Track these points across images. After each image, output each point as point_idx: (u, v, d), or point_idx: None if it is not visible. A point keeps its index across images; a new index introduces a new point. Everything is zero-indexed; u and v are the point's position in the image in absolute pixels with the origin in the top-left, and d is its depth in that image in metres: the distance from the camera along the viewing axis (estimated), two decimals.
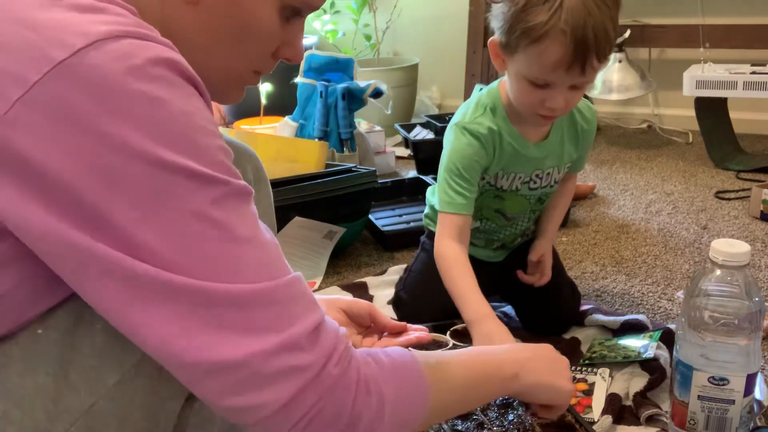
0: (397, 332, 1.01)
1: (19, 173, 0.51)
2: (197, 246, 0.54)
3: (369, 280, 1.63)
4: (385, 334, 1.01)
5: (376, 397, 0.62)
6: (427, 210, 1.42)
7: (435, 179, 1.32)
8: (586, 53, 1.02)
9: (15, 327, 0.59)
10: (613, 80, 2.69)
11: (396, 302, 1.44)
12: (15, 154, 0.51)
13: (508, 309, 1.46)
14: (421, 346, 0.98)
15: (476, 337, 1.08)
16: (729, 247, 0.93)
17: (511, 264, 1.41)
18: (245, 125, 2.68)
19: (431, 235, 1.33)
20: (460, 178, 1.20)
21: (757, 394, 1.04)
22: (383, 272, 1.67)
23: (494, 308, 1.45)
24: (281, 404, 0.57)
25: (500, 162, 1.24)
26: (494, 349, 0.84)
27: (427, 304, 1.31)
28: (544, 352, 0.90)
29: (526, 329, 1.37)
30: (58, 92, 0.51)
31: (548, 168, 1.28)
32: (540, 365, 0.85)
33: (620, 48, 2.67)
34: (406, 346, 1.06)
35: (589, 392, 1.15)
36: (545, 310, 1.36)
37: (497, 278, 1.41)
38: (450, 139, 1.22)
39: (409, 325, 1.14)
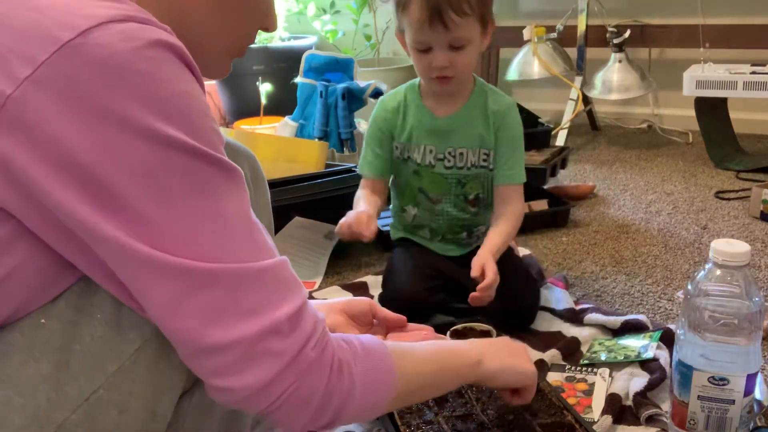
0: (398, 326, 1.03)
1: (31, 149, 0.53)
2: (192, 223, 0.57)
3: (369, 279, 1.63)
4: (390, 334, 1.02)
5: (347, 378, 0.66)
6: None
7: None
8: (440, 9, 1.21)
9: (20, 310, 0.60)
10: (613, 80, 2.69)
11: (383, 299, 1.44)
12: (26, 131, 0.53)
13: None
14: None
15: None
16: (729, 247, 0.93)
17: (469, 262, 1.42)
18: (245, 125, 2.69)
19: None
20: (368, 145, 1.43)
21: (757, 394, 1.04)
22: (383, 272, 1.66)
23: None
24: (262, 385, 0.60)
25: (405, 129, 1.40)
26: (457, 341, 0.89)
27: (407, 281, 1.38)
28: (502, 341, 0.95)
29: (493, 324, 1.34)
30: (66, 71, 0.53)
31: (460, 147, 1.39)
32: (500, 351, 0.89)
33: (620, 48, 2.67)
34: None
35: (589, 392, 1.15)
36: (502, 305, 1.33)
37: (455, 274, 1.42)
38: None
39: (412, 324, 1.15)
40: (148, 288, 0.57)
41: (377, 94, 2.26)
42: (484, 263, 1.27)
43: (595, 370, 1.21)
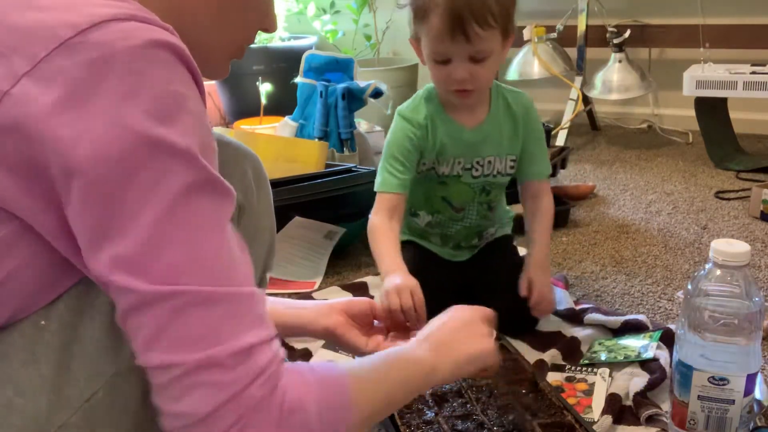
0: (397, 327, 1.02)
1: (26, 145, 0.53)
2: (162, 232, 0.55)
3: (369, 280, 1.63)
4: (391, 334, 1.02)
5: (300, 417, 0.61)
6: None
7: None
8: (462, 21, 1.15)
9: (20, 312, 0.60)
10: (613, 80, 2.69)
11: None
12: (23, 127, 0.53)
13: None
14: None
15: (384, 285, 1.14)
16: (729, 247, 0.93)
17: (475, 264, 1.41)
18: (245, 125, 2.69)
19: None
20: (394, 160, 1.30)
21: (757, 394, 1.04)
22: None
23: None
24: (200, 416, 0.57)
25: (435, 146, 1.31)
26: (409, 347, 0.81)
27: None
28: (455, 323, 0.86)
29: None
30: (64, 68, 0.53)
31: (488, 156, 1.34)
32: (454, 339, 0.82)
33: (620, 48, 2.67)
34: None
35: (589, 392, 1.15)
36: (509, 308, 1.33)
37: (461, 277, 1.41)
38: (391, 126, 1.34)
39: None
40: (113, 293, 0.57)
41: (377, 94, 2.26)
42: (531, 279, 1.26)
43: (595, 370, 1.21)
